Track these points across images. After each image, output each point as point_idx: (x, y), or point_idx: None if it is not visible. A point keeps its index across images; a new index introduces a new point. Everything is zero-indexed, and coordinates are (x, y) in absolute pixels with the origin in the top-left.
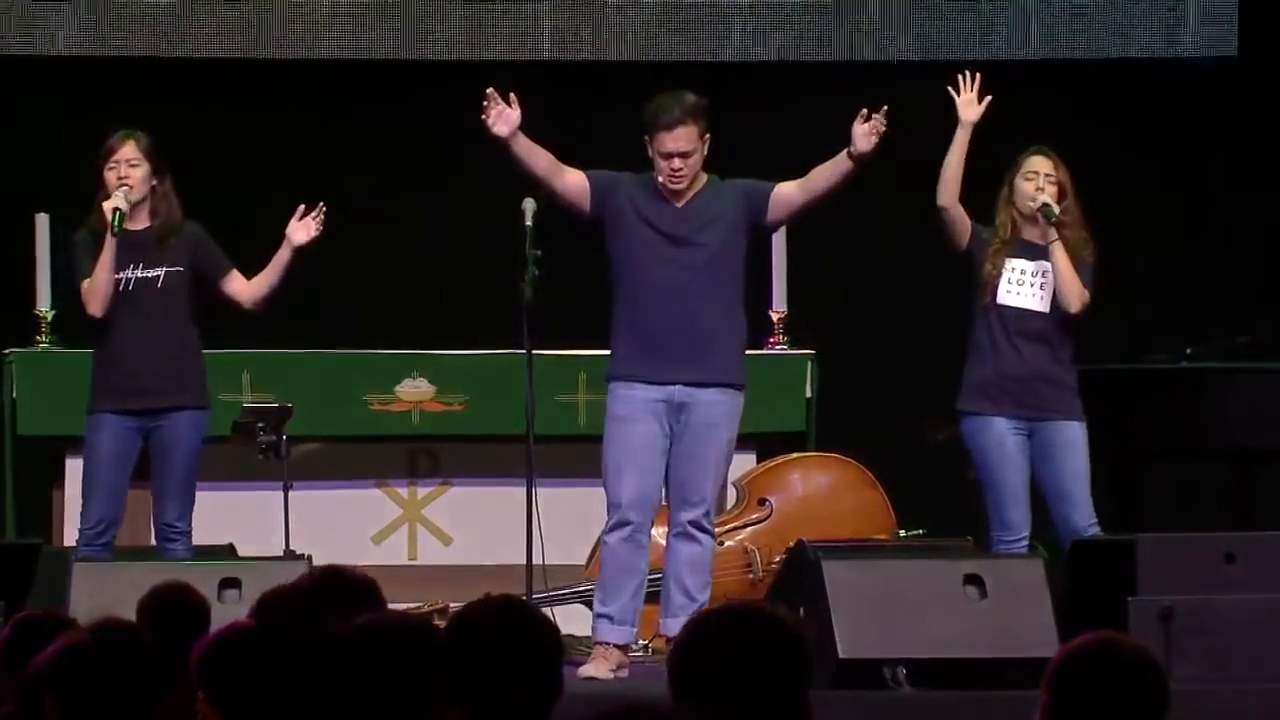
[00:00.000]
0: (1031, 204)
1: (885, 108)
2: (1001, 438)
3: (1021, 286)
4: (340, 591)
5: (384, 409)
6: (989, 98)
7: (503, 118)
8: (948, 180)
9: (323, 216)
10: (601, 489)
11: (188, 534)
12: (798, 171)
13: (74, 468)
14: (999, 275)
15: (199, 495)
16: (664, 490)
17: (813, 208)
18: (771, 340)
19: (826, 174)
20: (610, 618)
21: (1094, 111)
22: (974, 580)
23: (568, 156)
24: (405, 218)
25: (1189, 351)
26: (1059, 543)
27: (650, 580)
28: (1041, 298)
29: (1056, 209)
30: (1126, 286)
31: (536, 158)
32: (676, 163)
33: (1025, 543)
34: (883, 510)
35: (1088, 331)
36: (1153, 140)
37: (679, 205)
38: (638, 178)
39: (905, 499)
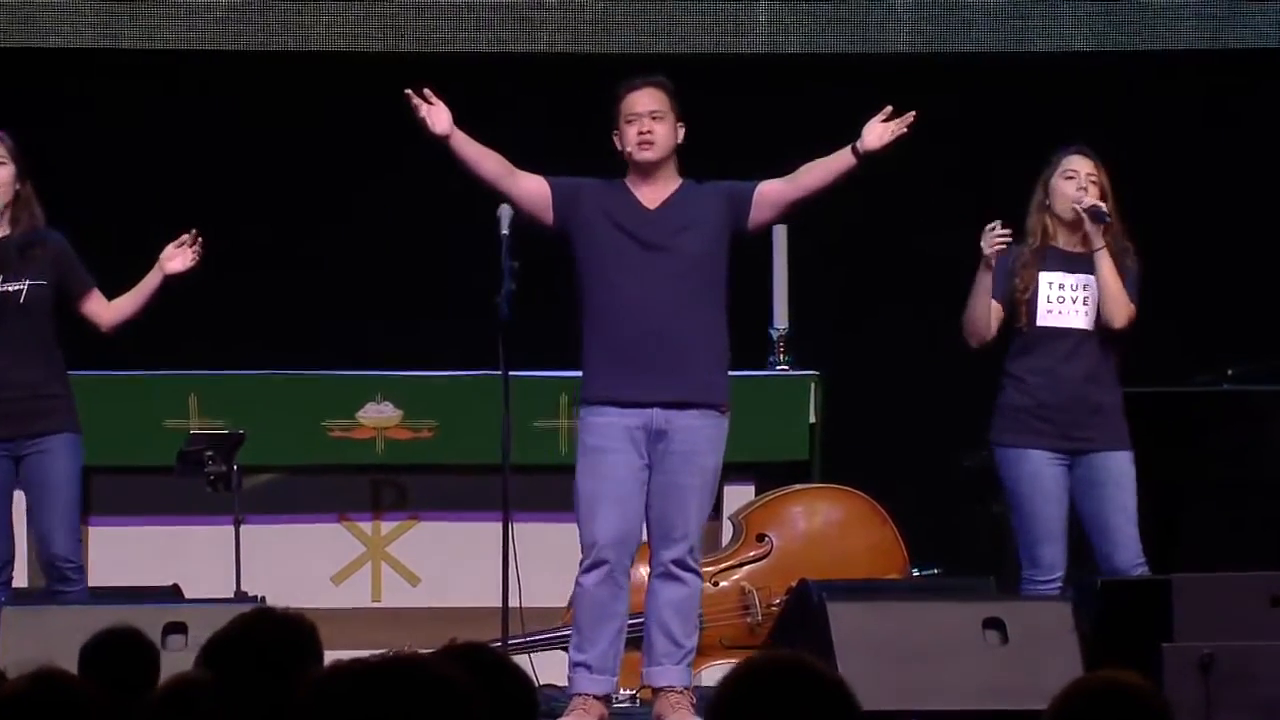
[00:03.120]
0: (1077, 205)
1: (914, 113)
2: (1037, 470)
3: (1063, 304)
4: (274, 636)
5: (345, 436)
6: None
7: (434, 114)
8: (975, 316)
9: (200, 246)
10: None
11: (82, 568)
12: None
13: None
14: (1034, 292)
15: (141, 532)
16: (645, 526)
17: (802, 206)
18: (772, 360)
19: (823, 170)
20: (588, 666)
21: (1122, 111)
22: (994, 624)
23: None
24: (367, 226)
25: (1231, 373)
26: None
27: (632, 625)
28: (1087, 314)
29: (1107, 210)
30: (1158, 301)
31: (482, 158)
32: (646, 122)
33: (1058, 584)
34: (894, 547)
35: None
36: (1186, 141)
37: (652, 208)
38: (605, 182)
39: (919, 535)
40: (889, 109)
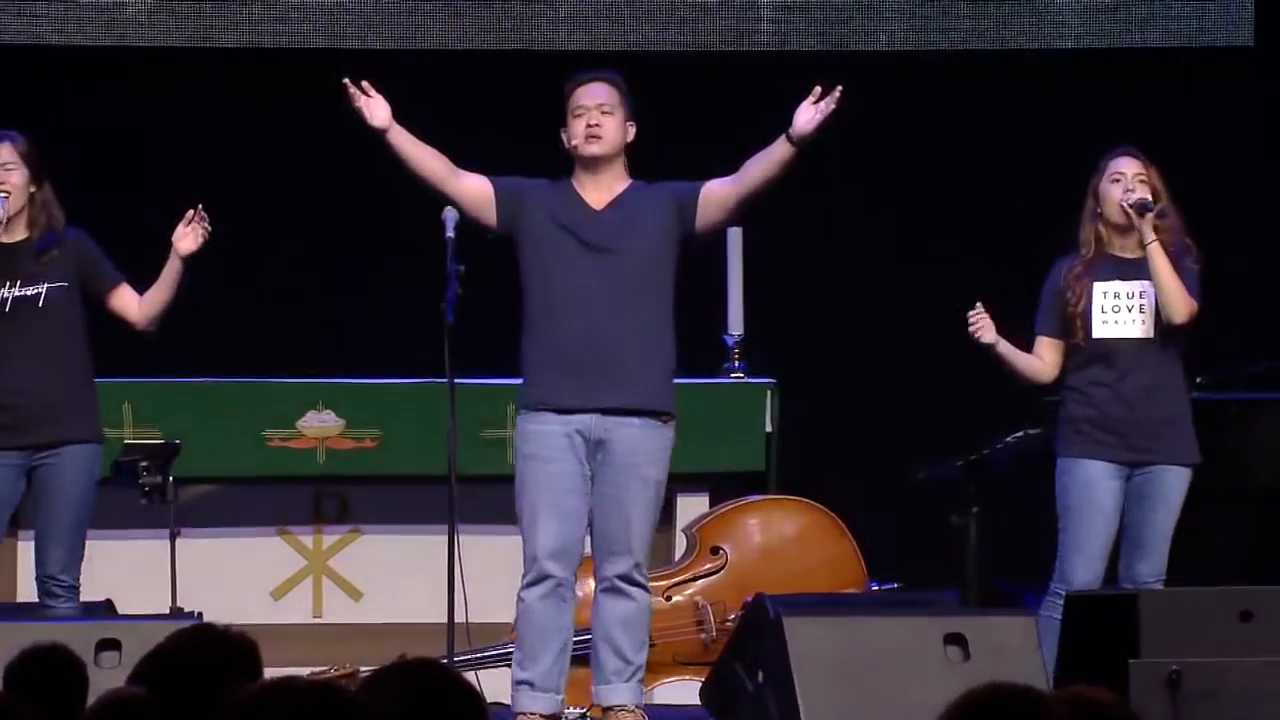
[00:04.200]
0: (1124, 205)
1: (839, 88)
2: (1092, 483)
3: (1118, 313)
4: (212, 654)
5: (285, 446)
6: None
7: (372, 106)
8: (1028, 380)
9: (207, 220)
10: None
11: (75, 588)
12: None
13: None
14: (1087, 305)
15: None
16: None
17: (751, 203)
18: (727, 367)
19: (762, 163)
20: (531, 684)
21: (1100, 107)
22: (956, 640)
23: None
24: (309, 228)
25: (1200, 380)
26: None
27: (579, 641)
28: (1143, 321)
29: (1153, 200)
30: None
31: (423, 155)
32: (595, 115)
33: None
34: (853, 561)
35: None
36: (1162, 136)
37: (598, 209)
38: (550, 182)
39: (878, 548)
40: (818, 90)
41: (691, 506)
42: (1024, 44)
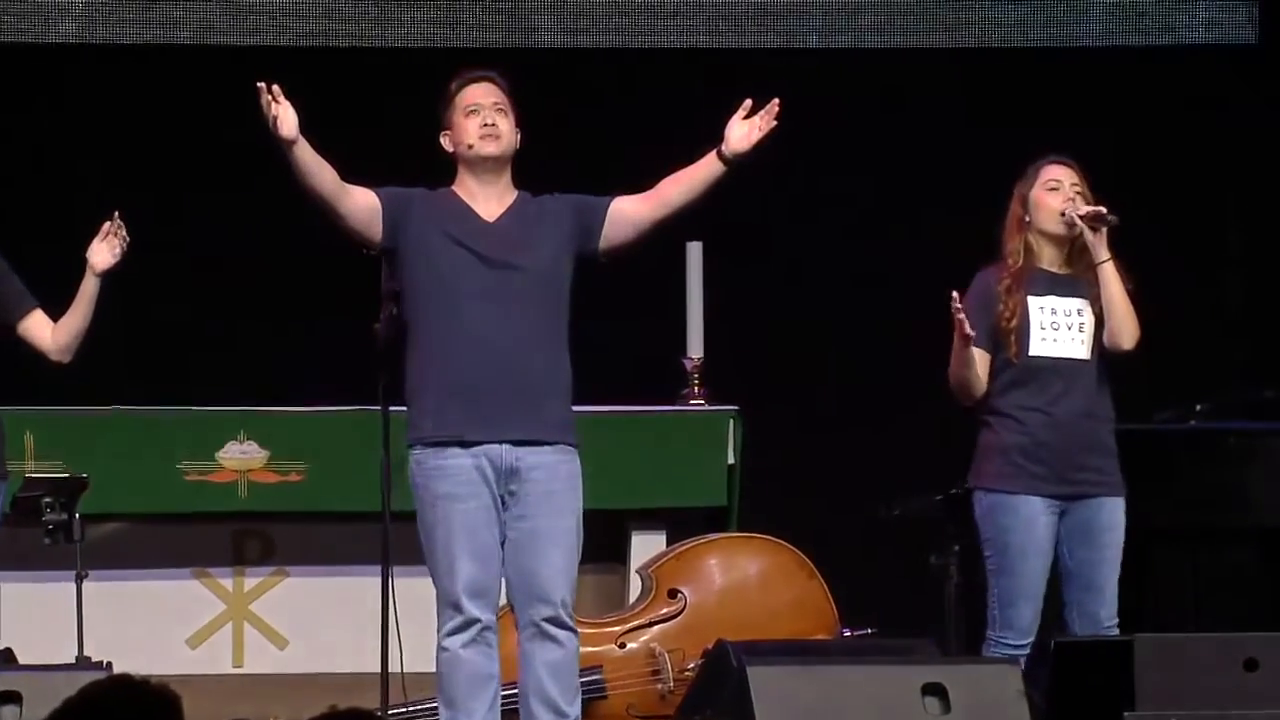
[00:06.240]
0: (1075, 215)
1: (776, 100)
2: (1032, 520)
3: (1058, 331)
4: (130, 709)
5: (202, 480)
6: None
7: (285, 117)
8: (968, 386)
9: (124, 231)
10: None
11: None
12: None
13: None
14: (1024, 320)
15: None
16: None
17: (667, 224)
18: (686, 393)
19: (687, 182)
20: None
21: (1082, 111)
22: (935, 690)
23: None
24: (230, 242)
25: (1200, 409)
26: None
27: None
28: (1083, 342)
29: (1109, 213)
30: None
31: (321, 168)
32: (490, 113)
33: (1028, 649)
34: (822, 604)
35: None
36: (1154, 146)
37: (491, 221)
38: (432, 194)
39: (850, 591)
40: (748, 103)
41: (647, 545)
42: (1020, 43)
